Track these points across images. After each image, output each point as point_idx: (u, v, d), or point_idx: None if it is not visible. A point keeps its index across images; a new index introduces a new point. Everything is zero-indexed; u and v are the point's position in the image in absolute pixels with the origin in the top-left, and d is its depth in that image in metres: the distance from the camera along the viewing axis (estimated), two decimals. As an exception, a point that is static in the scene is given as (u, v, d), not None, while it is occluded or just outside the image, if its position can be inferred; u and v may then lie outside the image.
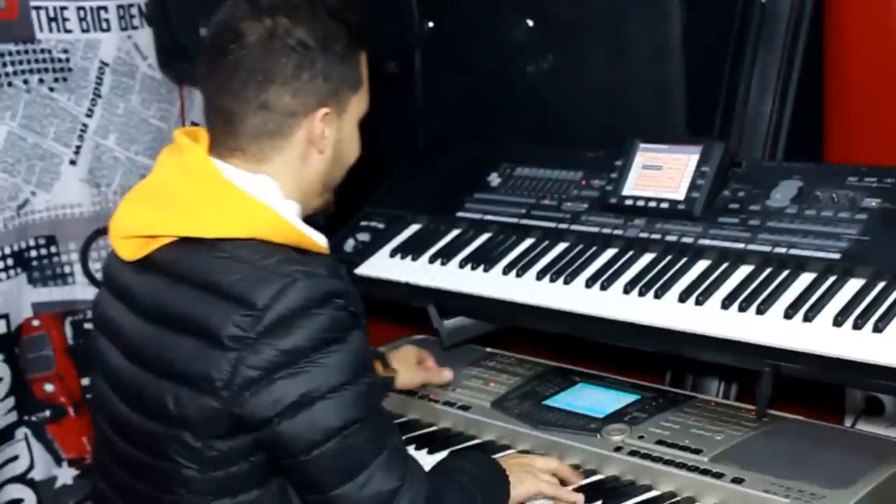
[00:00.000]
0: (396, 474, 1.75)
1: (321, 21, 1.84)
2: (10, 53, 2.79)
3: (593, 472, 2.17)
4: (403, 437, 2.31)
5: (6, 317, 2.79)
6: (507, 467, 2.03)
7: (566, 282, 2.39)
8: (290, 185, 1.87)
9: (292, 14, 1.82)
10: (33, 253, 2.87)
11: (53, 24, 2.88)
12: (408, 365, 2.51)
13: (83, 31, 2.94)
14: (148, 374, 1.81)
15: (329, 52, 1.84)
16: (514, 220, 2.62)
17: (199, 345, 1.71)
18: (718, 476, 2.03)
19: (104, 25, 2.98)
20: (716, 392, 2.51)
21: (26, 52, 2.83)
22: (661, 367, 2.59)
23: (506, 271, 2.49)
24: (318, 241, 1.87)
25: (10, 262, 2.81)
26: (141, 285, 1.85)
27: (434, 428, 2.42)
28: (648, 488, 2.10)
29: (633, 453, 2.16)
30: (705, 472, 2.06)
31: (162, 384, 1.77)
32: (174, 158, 1.89)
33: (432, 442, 2.34)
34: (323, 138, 1.87)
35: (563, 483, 2.10)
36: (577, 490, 2.09)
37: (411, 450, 2.31)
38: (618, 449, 2.18)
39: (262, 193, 1.81)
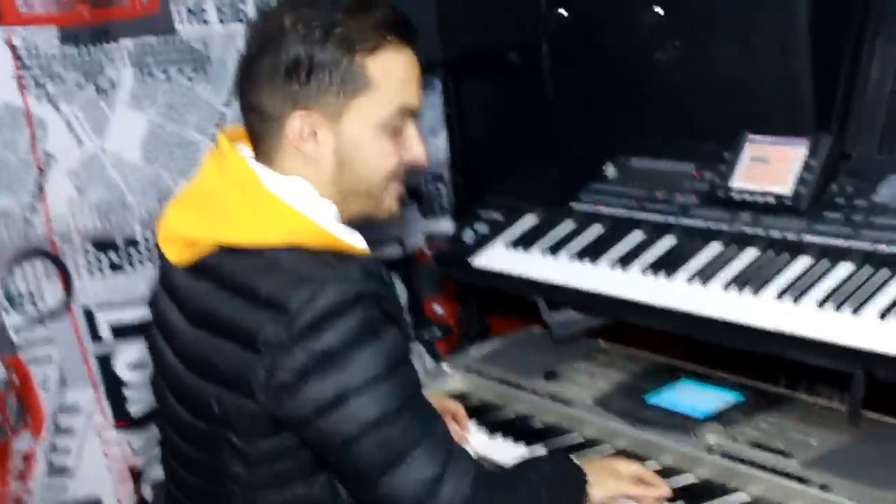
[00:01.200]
0: (438, 462, 1.78)
1: (309, 24, 1.83)
2: (152, 46, 2.91)
3: (684, 473, 2.18)
4: (503, 430, 2.38)
5: (150, 301, 2.92)
6: (589, 469, 2.05)
7: (668, 278, 2.38)
8: (319, 187, 1.90)
9: (301, 15, 1.84)
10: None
11: (192, 17, 2.98)
12: None
13: (221, 22, 3.04)
14: (194, 376, 1.88)
15: (315, 55, 1.83)
16: (626, 212, 2.62)
17: (238, 349, 1.77)
18: (805, 482, 2.02)
19: (241, 17, 3.07)
20: (830, 397, 2.45)
21: (166, 43, 2.94)
22: (777, 368, 2.55)
23: (612, 266, 2.50)
24: (355, 243, 1.89)
25: (152, 248, 2.92)
26: (188, 289, 1.91)
27: (538, 423, 2.46)
28: (735, 491, 2.09)
29: (724, 455, 2.15)
30: (793, 477, 2.04)
31: (206, 386, 1.85)
32: (216, 163, 1.94)
33: (531, 435, 2.38)
34: (304, 141, 1.87)
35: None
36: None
37: (509, 442, 2.36)
38: (710, 450, 2.18)
39: (296, 198, 1.85)
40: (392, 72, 1.87)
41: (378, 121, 1.88)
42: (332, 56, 1.83)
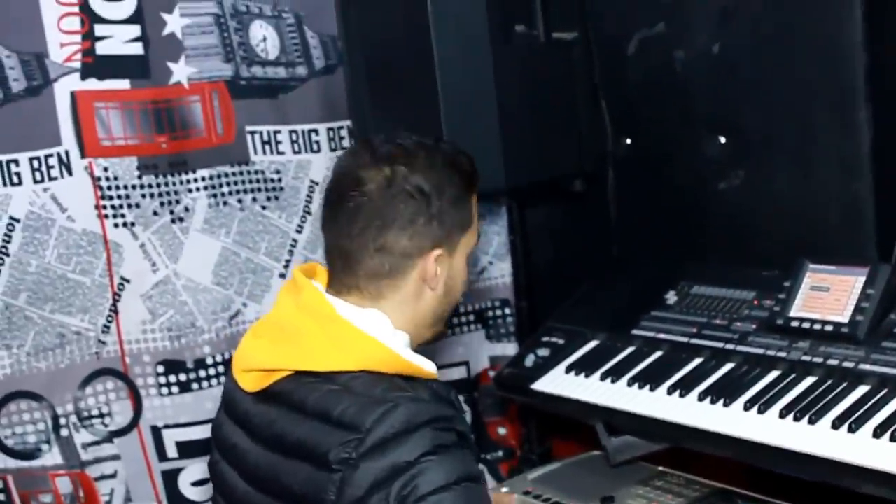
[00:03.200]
0: None
1: (436, 168, 1.96)
2: (227, 175, 3.02)
3: None
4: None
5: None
6: None
7: (726, 404, 2.39)
8: (402, 319, 1.99)
9: (410, 162, 1.95)
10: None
11: (267, 147, 3.10)
12: None
13: (294, 152, 3.15)
14: (266, 498, 1.93)
15: (443, 198, 1.96)
16: (685, 339, 2.65)
17: (312, 469, 1.82)
18: None
19: (315, 147, 3.18)
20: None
21: (241, 173, 3.05)
22: (836, 497, 2.53)
23: (670, 391, 2.51)
24: (426, 367, 1.96)
25: (221, 368, 3.01)
26: (259, 415, 1.97)
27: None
28: None
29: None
30: None
31: None
32: (292, 296, 2.02)
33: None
34: (436, 277, 1.99)
35: None
36: None
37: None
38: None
39: (372, 328, 1.93)
40: (476, 209, 2.05)
41: (468, 251, 2.06)
42: (463, 194, 2.01)
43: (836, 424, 2.18)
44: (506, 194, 3.07)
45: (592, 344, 2.83)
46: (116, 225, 2.84)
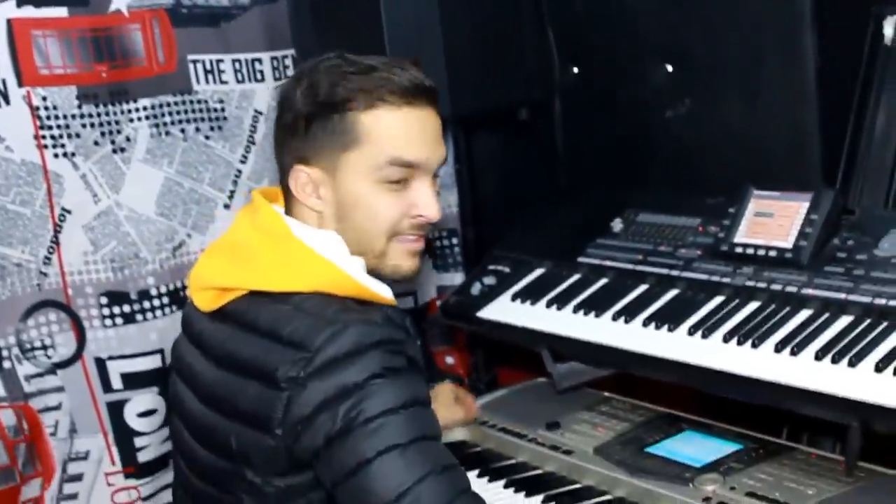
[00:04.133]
0: (443, 499, 1.75)
1: (319, 81, 1.94)
2: (169, 104, 2.98)
3: (681, 522, 2.19)
4: (504, 479, 2.40)
5: (162, 352, 2.96)
6: None
7: (670, 330, 2.41)
8: (348, 241, 1.98)
9: (302, 75, 1.98)
10: (188, 292, 3.04)
11: (210, 76, 3.06)
12: (447, 404, 2.63)
13: (238, 81, 3.11)
14: (217, 416, 1.95)
15: (310, 115, 1.95)
16: (631, 266, 2.66)
17: (261, 387, 1.84)
18: (800, 531, 2.02)
19: (258, 76, 3.14)
20: (832, 448, 2.46)
21: (183, 102, 3.01)
22: (781, 420, 2.56)
23: (615, 318, 2.53)
24: (382, 293, 1.96)
25: (165, 300, 2.98)
26: (213, 333, 1.99)
27: (538, 471, 2.48)
28: (732, 540, 2.10)
29: (721, 504, 2.17)
30: (788, 527, 2.05)
31: (228, 424, 1.91)
32: (249, 216, 2.04)
33: (532, 485, 2.40)
34: (307, 195, 1.98)
35: None
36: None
37: (510, 492, 2.38)
38: (707, 499, 2.19)
39: (327, 249, 1.94)
40: (384, 127, 1.93)
41: (371, 174, 1.95)
42: (326, 112, 1.94)
43: (778, 348, 2.21)
44: (451, 123, 3.05)
45: (538, 272, 2.84)
46: (56, 155, 2.79)
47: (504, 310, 2.76)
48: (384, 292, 1.97)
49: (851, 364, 2.09)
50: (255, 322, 1.90)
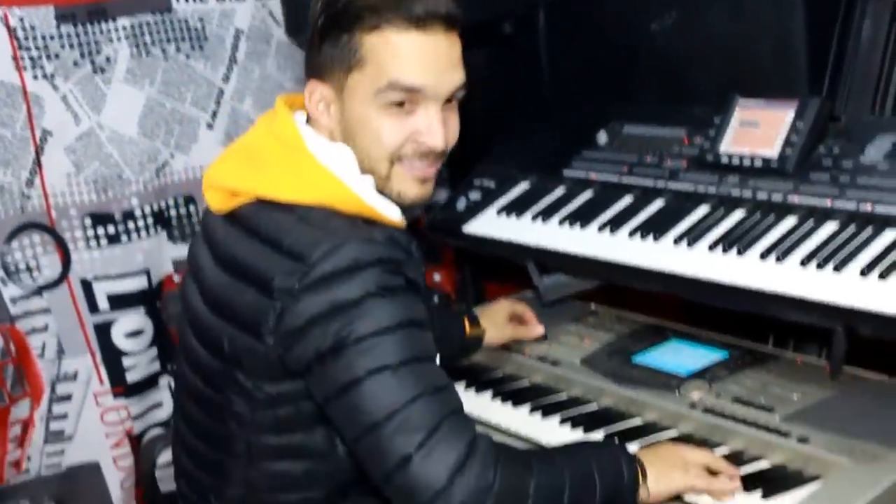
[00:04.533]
0: (433, 421, 1.76)
1: (325, 2, 1.94)
2: (148, 24, 2.95)
3: (668, 429, 2.21)
4: (494, 390, 2.42)
5: (147, 272, 2.96)
6: (651, 461, 1.96)
7: (655, 239, 2.41)
8: (358, 158, 1.97)
9: None
10: (172, 212, 3.03)
11: (189, -5, 3.03)
12: (496, 322, 2.59)
13: (218, 0, 3.08)
14: (214, 317, 1.96)
15: (322, 30, 1.93)
16: (616, 178, 2.65)
17: (257, 295, 1.84)
18: (785, 435, 2.05)
19: (238, -6, 3.11)
20: (817, 354, 2.47)
21: (163, 22, 2.98)
22: (766, 327, 2.58)
23: (600, 229, 2.53)
24: (389, 214, 1.94)
25: (150, 220, 2.97)
26: (223, 236, 1.99)
27: (525, 382, 2.49)
28: (718, 445, 2.11)
29: (707, 411, 2.19)
30: (774, 430, 2.07)
31: (222, 325, 1.93)
32: (268, 122, 2.04)
33: (519, 396, 2.41)
34: (318, 111, 1.98)
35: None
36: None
37: (497, 403, 2.39)
38: (693, 406, 2.21)
39: (337, 164, 1.93)
40: (387, 49, 1.90)
41: (374, 96, 1.92)
42: (336, 30, 1.92)
43: (764, 255, 2.21)
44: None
45: (523, 186, 2.83)
46: (36, 76, 2.77)
47: (490, 224, 2.75)
48: (391, 213, 1.95)
49: (836, 270, 2.09)
50: (258, 228, 1.90)
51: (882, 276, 2.02)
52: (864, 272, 2.05)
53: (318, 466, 1.95)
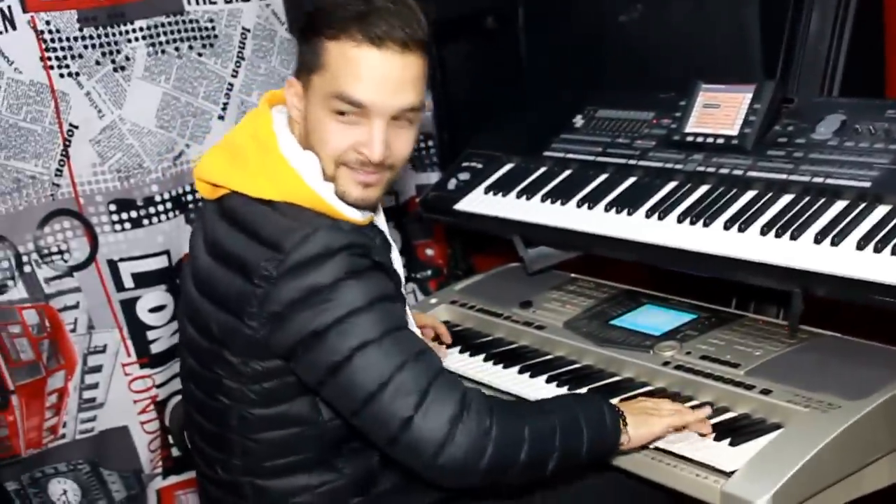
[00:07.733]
0: (424, 381, 1.79)
1: (314, 5, 1.95)
2: (163, 25, 2.95)
3: (644, 385, 2.24)
4: (486, 354, 2.44)
5: (168, 252, 2.98)
6: (630, 410, 1.98)
7: (629, 213, 2.43)
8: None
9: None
10: (189, 197, 3.04)
11: (199, -3, 3.03)
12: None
13: (226, 2, 3.08)
14: (203, 299, 1.98)
15: (302, 30, 1.97)
16: (592, 157, 2.67)
17: (241, 281, 1.86)
18: (750, 388, 2.07)
19: (244, -5, 3.12)
20: (776, 315, 2.50)
21: (176, 22, 2.98)
22: (731, 292, 2.60)
23: (579, 204, 2.55)
24: (350, 214, 1.93)
25: (169, 205, 2.98)
26: (212, 224, 2.00)
27: (513, 345, 2.52)
28: (689, 398, 2.15)
29: (679, 367, 2.21)
30: (739, 384, 2.10)
31: (211, 309, 1.95)
32: (251, 119, 2.05)
33: (508, 358, 2.44)
34: (292, 107, 1.99)
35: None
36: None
37: (489, 364, 2.42)
38: (666, 364, 2.24)
39: (305, 168, 1.93)
40: (342, 60, 1.88)
41: (325, 101, 1.91)
42: (310, 32, 1.94)
43: (727, 225, 2.24)
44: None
45: (508, 166, 2.85)
46: (62, 75, 2.77)
47: (478, 202, 2.77)
48: (352, 214, 1.94)
49: (793, 237, 2.13)
50: (238, 218, 1.92)
51: (834, 242, 2.06)
52: (818, 239, 2.08)
53: (306, 432, 1.96)
